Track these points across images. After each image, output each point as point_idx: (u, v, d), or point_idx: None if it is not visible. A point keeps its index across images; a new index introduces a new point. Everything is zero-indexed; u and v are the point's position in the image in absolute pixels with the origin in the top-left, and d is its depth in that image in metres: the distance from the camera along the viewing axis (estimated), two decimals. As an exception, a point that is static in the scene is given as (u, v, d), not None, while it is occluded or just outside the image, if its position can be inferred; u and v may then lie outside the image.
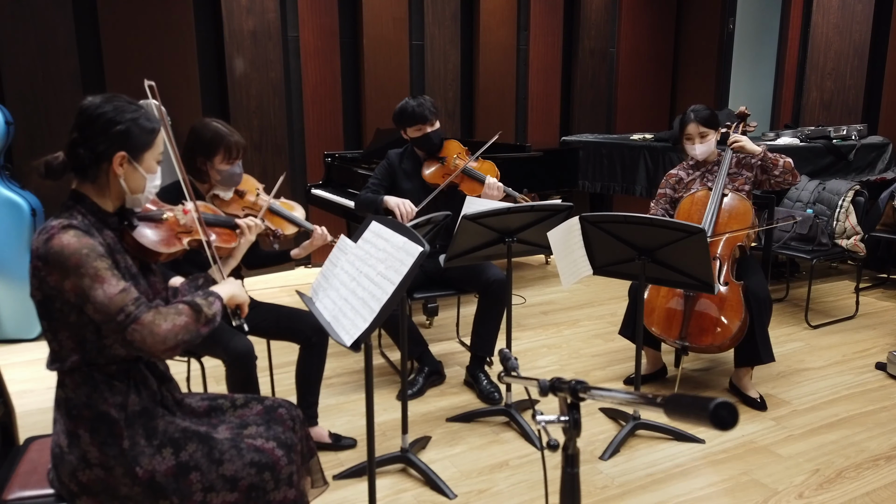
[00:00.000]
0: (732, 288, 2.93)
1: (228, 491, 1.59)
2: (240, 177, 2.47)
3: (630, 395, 1.07)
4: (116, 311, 1.48)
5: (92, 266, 1.48)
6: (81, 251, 1.48)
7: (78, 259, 1.47)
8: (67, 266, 1.47)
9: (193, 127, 2.44)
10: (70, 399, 1.57)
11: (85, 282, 1.47)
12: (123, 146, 1.58)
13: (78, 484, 1.56)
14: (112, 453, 1.55)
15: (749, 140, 3.08)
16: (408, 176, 3.39)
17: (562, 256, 2.72)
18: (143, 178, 1.63)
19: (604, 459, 2.63)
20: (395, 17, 5.50)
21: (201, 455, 1.60)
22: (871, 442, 2.77)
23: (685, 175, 3.26)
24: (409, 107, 3.26)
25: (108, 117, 1.57)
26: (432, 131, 3.28)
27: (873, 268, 5.07)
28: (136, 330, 1.49)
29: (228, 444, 1.64)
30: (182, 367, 2.89)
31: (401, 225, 1.92)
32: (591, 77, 6.52)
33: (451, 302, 4.08)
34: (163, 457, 1.58)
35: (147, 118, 1.63)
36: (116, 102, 1.60)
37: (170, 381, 1.75)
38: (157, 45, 4.63)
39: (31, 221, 3.81)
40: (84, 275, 1.47)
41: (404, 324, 2.58)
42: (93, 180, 1.60)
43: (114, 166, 1.58)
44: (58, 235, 1.49)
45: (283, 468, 1.65)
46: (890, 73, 5.18)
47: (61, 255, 1.47)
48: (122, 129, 1.57)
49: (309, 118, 5.33)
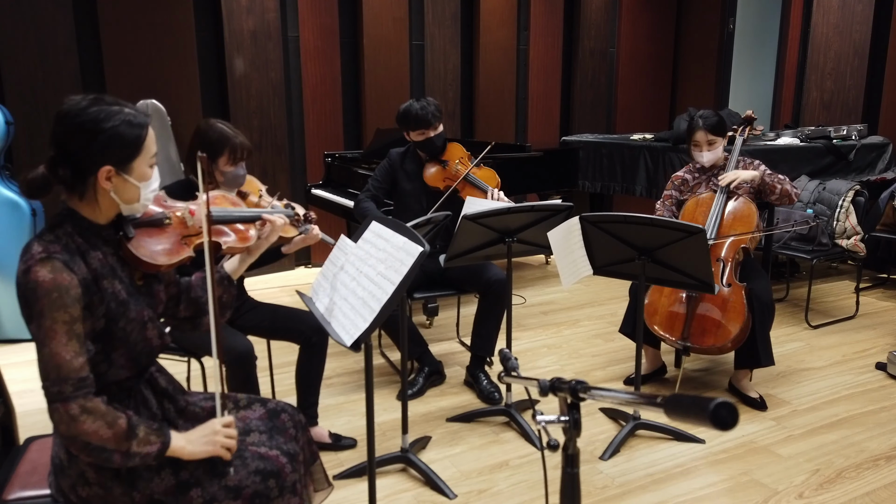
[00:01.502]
0: (735, 290, 2.93)
1: (232, 499, 1.56)
2: (244, 178, 2.45)
3: (630, 395, 1.07)
4: (53, 379, 1.38)
5: (50, 317, 1.38)
6: (51, 295, 1.38)
7: (42, 305, 1.38)
8: (33, 309, 1.39)
9: (199, 127, 2.42)
10: None
11: (41, 332, 1.38)
12: (108, 159, 1.44)
13: (78, 497, 1.55)
14: (108, 475, 1.52)
15: (743, 171, 3.08)
16: (409, 177, 3.37)
17: (562, 256, 2.72)
18: (135, 187, 1.49)
19: (604, 459, 2.63)
20: (395, 17, 5.50)
21: (202, 472, 1.57)
22: (871, 442, 2.77)
23: (690, 178, 3.26)
24: (413, 110, 3.22)
25: (89, 127, 1.42)
26: (435, 135, 3.26)
27: (873, 268, 5.07)
28: (59, 410, 1.39)
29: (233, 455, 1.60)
30: (182, 367, 2.89)
31: (401, 225, 1.92)
32: (591, 77, 6.52)
33: (451, 302, 4.08)
34: (161, 478, 1.54)
35: (132, 119, 1.47)
36: (97, 107, 1.45)
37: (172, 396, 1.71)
38: (157, 44, 4.63)
39: (31, 221, 3.81)
40: (41, 326, 1.38)
41: (404, 324, 2.58)
42: (80, 196, 1.48)
43: (100, 182, 1.45)
44: (34, 269, 1.39)
45: (287, 475, 1.62)
46: (890, 73, 5.17)
47: (33, 295, 1.39)
48: (104, 139, 1.42)
49: (309, 118, 5.33)
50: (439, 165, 3.35)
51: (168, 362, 2.03)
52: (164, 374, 1.73)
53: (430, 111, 3.21)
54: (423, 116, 3.20)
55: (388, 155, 3.44)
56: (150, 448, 1.48)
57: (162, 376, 1.71)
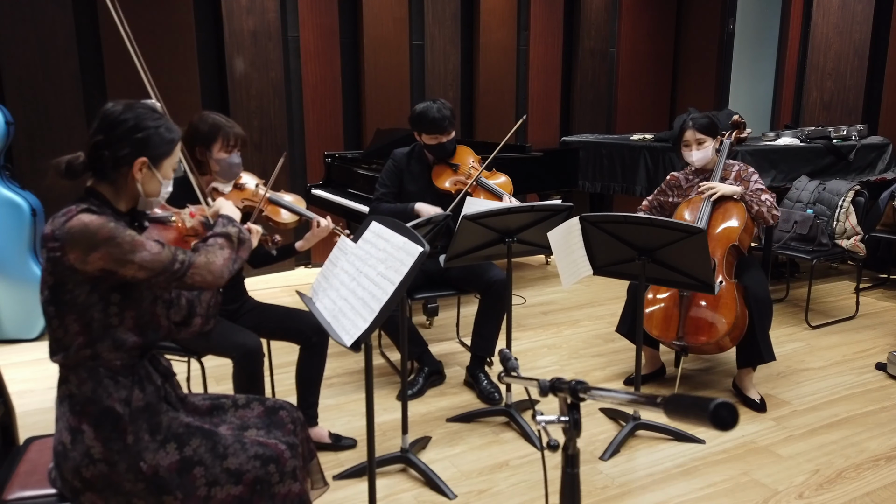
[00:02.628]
0: (727, 286, 2.94)
1: (233, 484, 1.60)
2: (239, 168, 2.47)
3: (630, 396, 1.07)
4: (170, 262, 1.56)
5: (126, 234, 1.52)
6: (108, 224, 1.51)
7: (108, 231, 1.50)
8: (96, 239, 1.49)
9: (191, 121, 2.43)
10: (74, 395, 1.58)
11: (123, 247, 1.51)
12: (145, 152, 1.63)
13: (81, 480, 1.56)
14: (116, 448, 1.55)
15: (724, 185, 3.06)
16: (414, 178, 3.31)
17: (562, 256, 2.72)
18: (159, 183, 1.69)
19: (604, 459, 2.63)
20: (395, 17, 5.50)
21: (205, 450, 1.61)
22: (871, 442, 2.77)
23: (684, 180, 3.27)
24: (430, 113, 3.14)
25: (132, 124, 1.62)
26: (447, 141, 3.22)
27: (873, 268, 5.07)
28: (196, 273, 1.60)
29: (231, 439, 1.66)
30: (182, 366, 2.89)
31: (401, 225, 1.92)
32: (591, 77, 6.52)
33: (452, 302, 4.08)
34: (167, 452, 1.59)
35: (168, 128, 1.68)
36: (139, 110, 1.65)
37: (173, 377, 1.76)
38: (157, 45, 4.63)
39: (31, 221, 3.81)
40: (120, 243, 1.50)
41: (404, 324, 2.58)
42: (111, 181, 1.64)
43: (133, 170, 1.63)
44: (77, 216, 1.51)
45: (287, 461, 1.66)
46: (890, 73, 5.17)
47: (86, 230, 1.49)
48: (145, 135, 1.63)
49: (309, 118, 5.33)
50: (450, 169, 3.31)
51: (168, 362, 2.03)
52: (164, 359, 1.78)
53: (447, 116, 3.15)
54: (440, 122, 3.14)
55: (391, 156, 3.37)
56: (237, 226, 1.77)
57: (163, 359, 1.77)
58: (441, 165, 3.31)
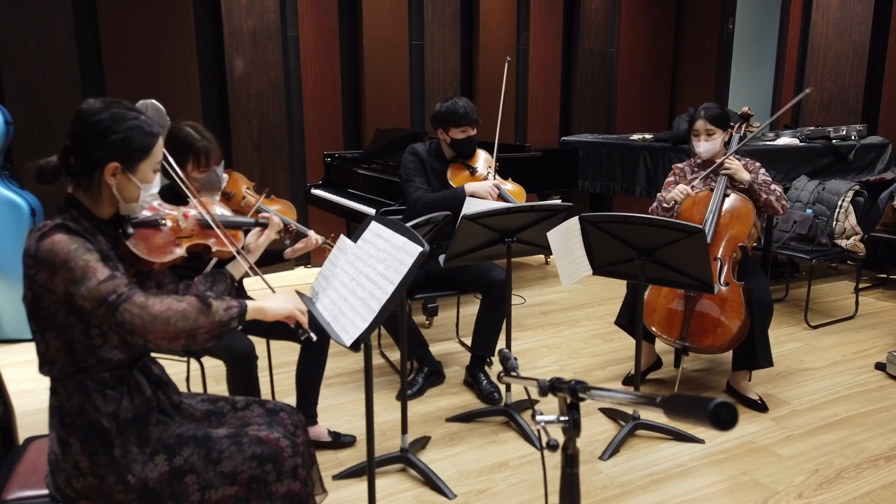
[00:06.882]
0: (733, 289, 2.93)
1: (227, 485, 1.59)
2: (220, 182, 2.38)
3: (630, 395, 1.07)
4: (107, 293, 1.43)
5: (81, 259, 1.45)
6: (70, 247, 1.46)
7: (66, 254, 1.45)
8: (56, 262, 1.45)
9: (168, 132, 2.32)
10: (63, 407, 1.56)
11: (75, 273, 1.44)
12: (117, 156, 1.53)
13: (74, 490, 1.56)
14: (103, 462, 1.54)
15: (742, 168, 3.07)
16: (435, 174, 3.29)
17: (562, 256, 2.72)
18: (136, 188, 1.58)
19: (603, 459, 2.63)
20: (395, 17, 5.50)
21: (197, 458, 1.59)
22: (870, 442, 2.77)
23: (689, 171, 3.27)
24: (459, 107, 3.16)
25: (105, 125, 1.52)
26: (474, 134, 3.25)
27: (873, 268, 5.07)
28: (127, 309, 1.43)
29: (228, 441, 1.63)
30: (182, 367, 2.89)
31: (401, 225, 1.92)
32: (591, 77, 6.52)
33: (451, 302, 4.08)
34: (155, 464, 1.56)
35: (145, 127, 1.57)
36: (115, 109, 1.55)
37: (166, 385, 1.73)
38: (157, 45, 4.63)
39: (30, 221, 3.81)
40: (73, 267, 1.44)
41: (404, 324, 2.58)
42: (85, 188, 1.56)
43: (105, 176, 1.54)
44: (49, 234, 1.48)
45: (286, 459, 1.64)
46: (890, 73, 5.17)
47: (51, 252, 1.45)
48: (118, 138, 1.52)
49: (309, 118, 5.33)
50: (466, 170, 3.29)
51: (168, 362, 2.03)
52: (157, 365, 1.74)
53: (474, 109, 3.21)
54: (471, 114, 3.19)
55: (409, 151, 3.32)
56: (231, 309, 1.52)
57: (155, 366, 1.73)
58: (458, 165, 3.30)
